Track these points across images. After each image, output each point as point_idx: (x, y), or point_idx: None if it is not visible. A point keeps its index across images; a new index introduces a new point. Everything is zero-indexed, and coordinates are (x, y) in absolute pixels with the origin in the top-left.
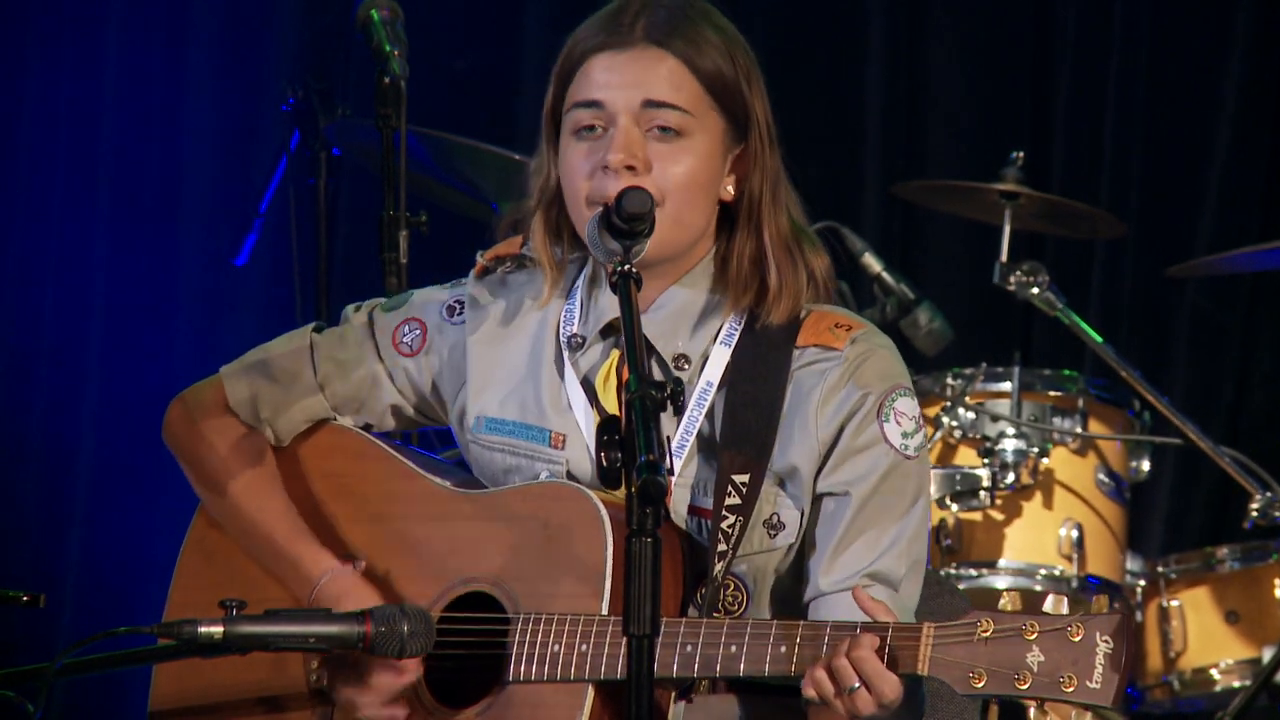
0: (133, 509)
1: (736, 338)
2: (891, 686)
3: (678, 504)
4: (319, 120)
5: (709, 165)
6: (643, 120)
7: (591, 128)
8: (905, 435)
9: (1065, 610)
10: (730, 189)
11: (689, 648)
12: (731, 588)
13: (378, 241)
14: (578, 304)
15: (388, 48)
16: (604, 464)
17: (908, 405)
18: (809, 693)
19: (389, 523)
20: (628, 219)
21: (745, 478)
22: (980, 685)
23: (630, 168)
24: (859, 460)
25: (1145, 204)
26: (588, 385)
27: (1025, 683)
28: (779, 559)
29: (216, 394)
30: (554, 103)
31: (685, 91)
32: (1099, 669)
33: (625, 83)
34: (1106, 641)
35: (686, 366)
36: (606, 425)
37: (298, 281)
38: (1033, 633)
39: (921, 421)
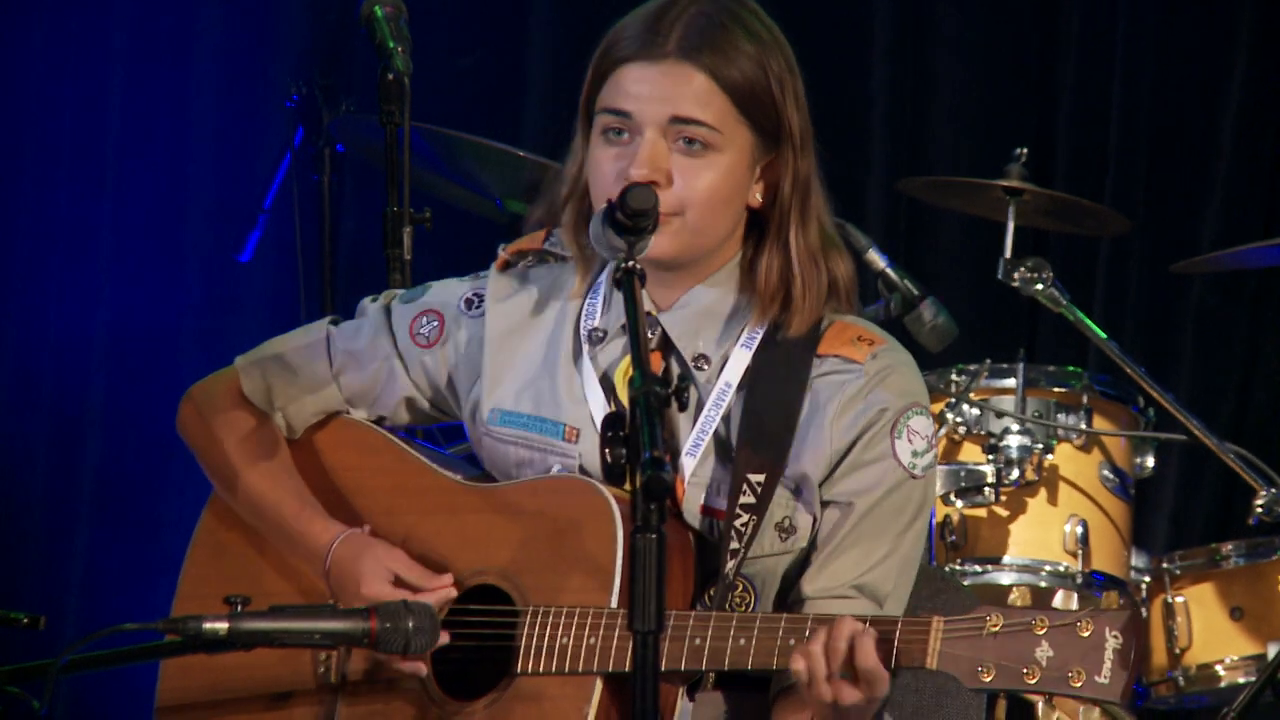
0: (139, 505)
1: (758, 342)
2: (884, 683)
3: (690, 504)
4: (323, 116)
5: (733, 179)
6: (669, 134)
7: (620, 131)
8: (915, 454)
9: (1075, 606)
10: (758, 196)
11: (698, 640)
12: (740, 588)
13: (382, 238)
14: (601, 298)
15: (391, 44)
16: (608, 460)
17: (922, 424)
18: (798, 667)
19: (399, 516)
20: (632, 215)
21: (761, 477)
22: (989, 680)
23: (653, 182)
24: (866, 473)
25: (1150, 200)
26: (606, 380)
27: (1034, 677)
28: (788, 563)
29: (231, 384)
30: (588, 96)
31: (713, 108)
32: (1108, 664)
33: (654, 96)
34: (1116, 637)
35: (706, 367)
36: (611, 422)
37: (302, 277)
38: (1042, 628)
39: (934, 442)
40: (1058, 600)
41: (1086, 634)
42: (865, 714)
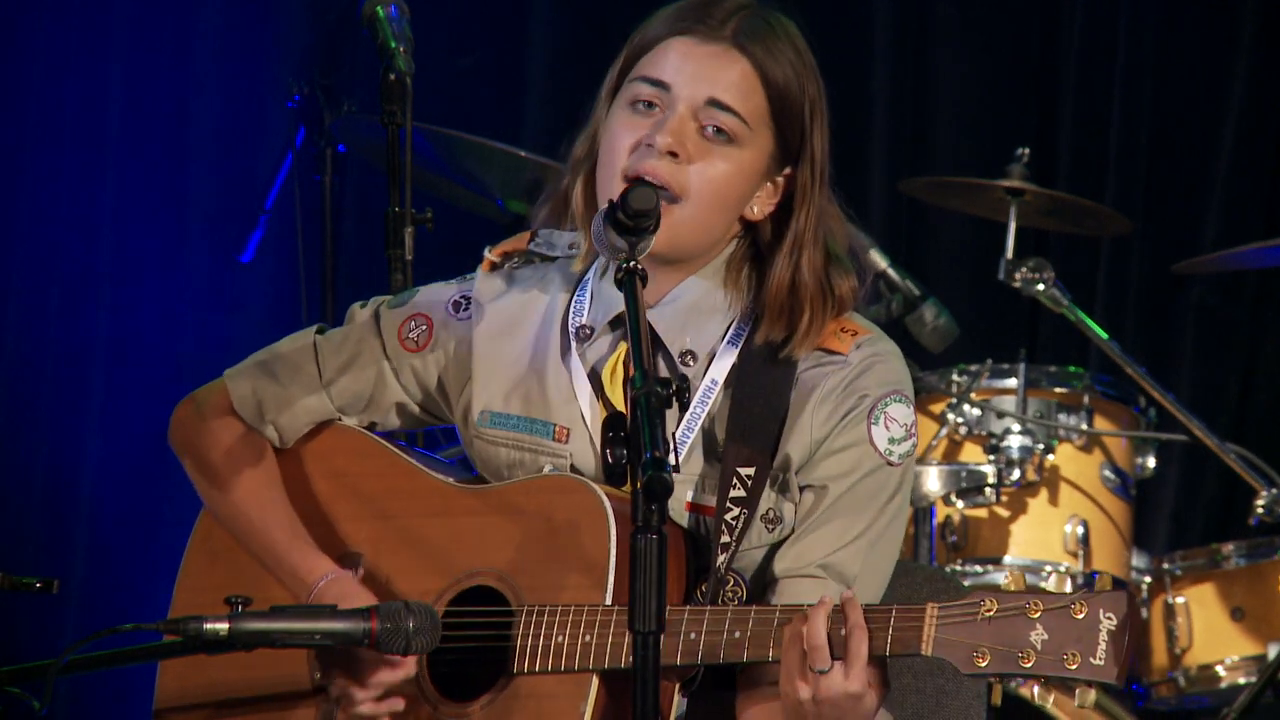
0: (139, 505)
1: (744, 338)
2: (855, 677)
3: (676, 501)
4: (324, 116)
5: (744, 179)
6: (701, 115)
7: (650, 104)
8: (892, 441)
9: (1068, 589)
10: (757, 209)
11: (693, 635)
12: (731, 583)
13: (383, 238)
14: (588, 295)
15: (393, 44)
16: (609, 461)
17: (901, 412)
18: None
19: (393, 520)
20: (634, 215)
21: (750, 470)
22: (984, 664)
23: (673, 154)
24: (841, 457)
25: (1151, 200)
26: (594, 377)
27: (1029, 661)
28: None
29: (220, 396)
30: (621, 70)
31: (750, 102)
32: (1102, 645)
33: (697, 73)
34: (1110, 618)
35: (692, 363)
36: (611, 422)
37: (303, 278)
38: (1036, 611)
39: (913, 431)
40: (1051, 583)
41: (1080, 616)
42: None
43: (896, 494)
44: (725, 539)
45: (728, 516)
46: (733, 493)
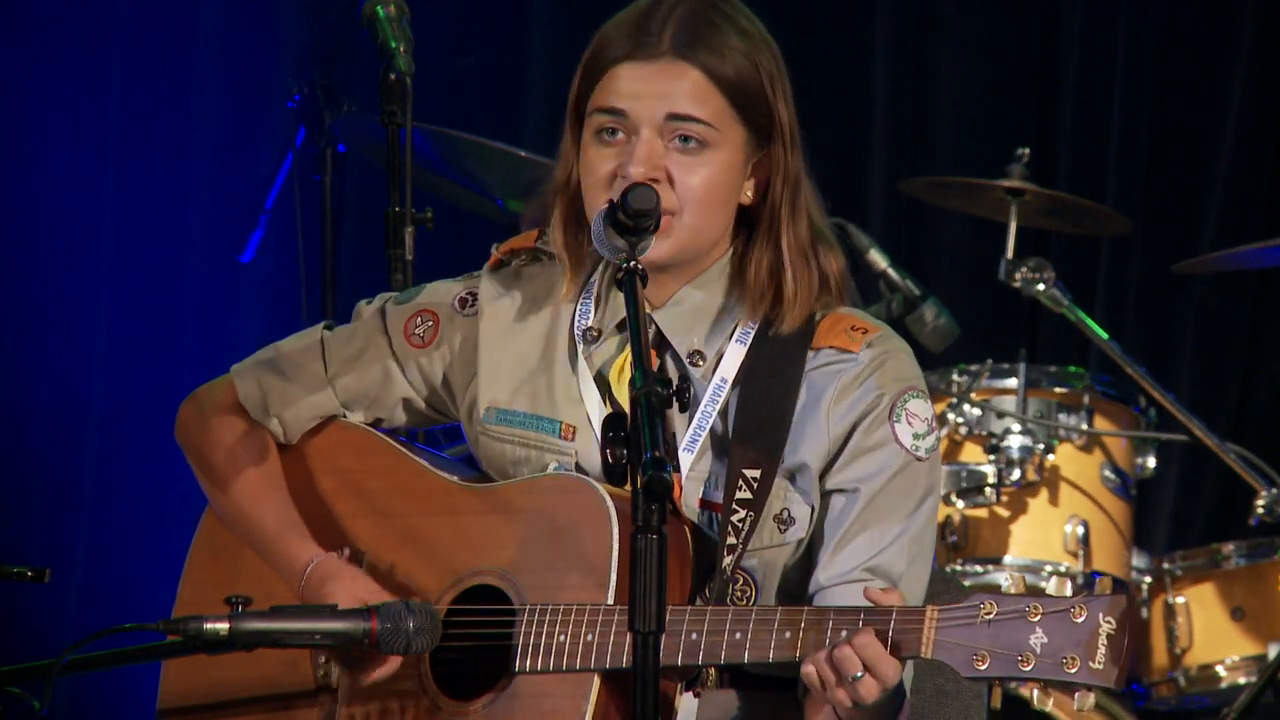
0: (139, 503)
1: (752, 337)
2: (894, 670)
3: (689, 498)
4: (324, 116)
5: (728, 176)
6: (665, 132)
7: (614, 131)
8: (917, 436)
9: (1068, 592)
10: (749, 193)
11: (694, 636)
12: (740, 582)
13: (383, 238)
14: (594, 297)
15: (393, 44)
16: (609, 460)
17: (920, 407)
18: (810, 677)
19: (396, 518)
20: (634, 215)
21: (756, 472)
22: (983, 667)
23: (652, 179)
24: (870, 459)
25: (1151, 200)
26: (601, 378)
27: (1028, 664)
28: (788, 554)
29: (226, 392)
30: (578, 97)
31: (709, 105)
32: (1101, 650)
33: (649, 94)
34: (1109, 622)
35: (701, 363)
36: (612, 422)
37: (304, 278)
38: (1036, 614)
39: (934, 424)
40: (1051, 586)
41: (1080, 620)
42: (885, 709)
43: (930, 489)
44: (731, 540)
45: (734, 518)
46: (739, 494)
